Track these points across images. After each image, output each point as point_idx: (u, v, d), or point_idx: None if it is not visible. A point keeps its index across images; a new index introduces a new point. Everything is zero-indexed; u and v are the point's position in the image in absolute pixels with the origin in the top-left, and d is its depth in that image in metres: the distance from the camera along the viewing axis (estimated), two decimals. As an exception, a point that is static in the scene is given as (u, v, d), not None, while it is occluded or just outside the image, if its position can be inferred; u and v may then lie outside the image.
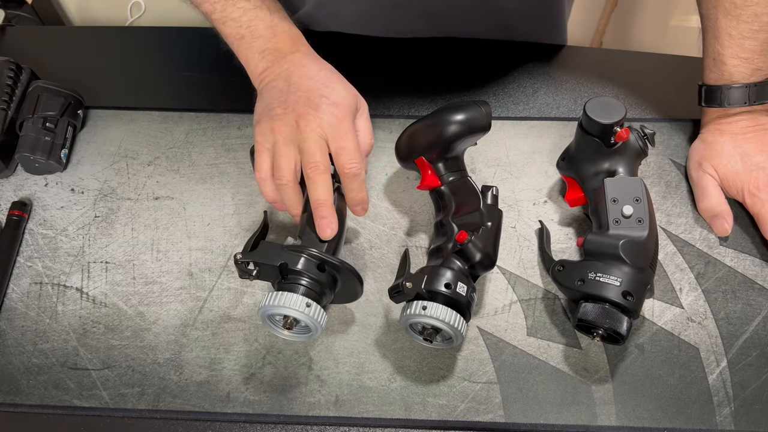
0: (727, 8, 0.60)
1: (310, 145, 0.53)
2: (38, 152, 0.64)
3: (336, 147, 0.54)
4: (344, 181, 0.55)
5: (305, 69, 0.57)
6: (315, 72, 0.57)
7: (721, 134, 0.64)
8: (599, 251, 0.55)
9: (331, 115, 0.54)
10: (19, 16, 1.21)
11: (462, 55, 0.78)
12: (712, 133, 0.65)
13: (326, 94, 0.55)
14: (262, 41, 0.58)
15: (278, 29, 0.58)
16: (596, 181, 0.59)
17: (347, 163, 0.54)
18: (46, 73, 0.70)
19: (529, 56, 0.78)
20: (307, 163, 0.53)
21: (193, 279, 0.61)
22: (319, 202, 0.54)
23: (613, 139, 0.57)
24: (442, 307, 0.51)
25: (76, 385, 0.55)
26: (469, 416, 0.54)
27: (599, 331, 0.54)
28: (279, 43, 0.58)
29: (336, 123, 0.54)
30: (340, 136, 0.54)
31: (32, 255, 0.62)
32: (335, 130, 0.54)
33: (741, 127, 0.63)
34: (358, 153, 0.54)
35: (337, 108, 0.55)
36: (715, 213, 0.62)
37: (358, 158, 0.54)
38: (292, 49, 0.58)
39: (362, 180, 0.55)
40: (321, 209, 0.54)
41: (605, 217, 0.56)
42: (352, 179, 0.54)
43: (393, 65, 0.77)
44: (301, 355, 0.57)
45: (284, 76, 0.57)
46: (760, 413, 0.54)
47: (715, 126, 0.65)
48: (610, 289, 0.53)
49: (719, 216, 0.62)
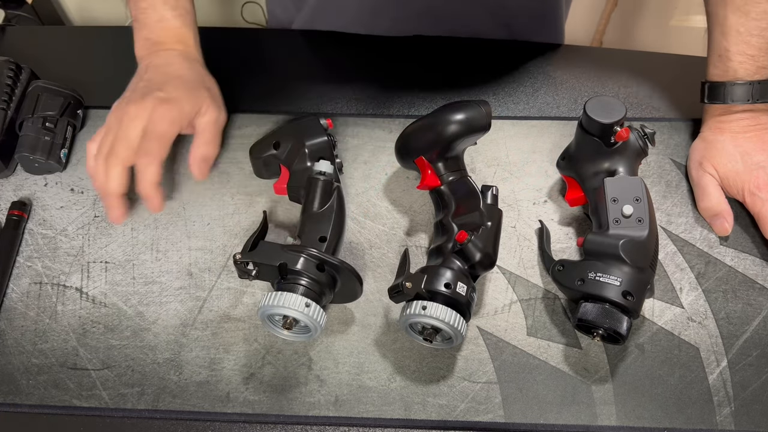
0: (737, 5, 0.60)
1: (118, 133, 0.59)
2: (38, 152, 0.64)
3: (141, 140, 0.58)
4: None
5: (167, 66, 0.63)
6: (173, 70, 0.63)
7: (721, 132, 0.64)
8: (599, 251, 0.55)
9: (152, 109, 0.59)
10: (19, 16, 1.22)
11: (462, 55, 0.78)
12: (713, 131, 0.65)
13: (163, 89, 0.60)
14: (147, 31, 0.64)
15: (166, 24, 0.64)
16: (596, 181, 0.59)
17: (138, 160, 0.58)
18: (46, 73, 0.70)
19: (529, 55, 0.78)
20: (109, 149, 0.59)
21: (193, 279, 0.61)
22: (100, 189, 0.59)
23: (613, 139, 0.57)
24: (441, 307, 0.51)
25: (76, 385, 0.55)
26: (469, 416, 0.54)
27: (599, 331, 0.54)
28: (161, 37, 0.64)
29: (155, 119, 0.59)
30: (148, 134, 0.58)
31: (32, 255, 0.62)
32: (149, 125, 0.58)
33: (742, 125, 0.63)
34: (154, 152, 0.58)
35: (162, 103, 0.59)
36: (715, 212, 0.62)
37: (149, 157, 0.58)
38: (170, 46, 0.64)
39: (149, 175, 0.59)
40: (104, 198, 0.59)
41: (605, 216, 0.56)
42: (138, 174, 0.59)
43: (392, 65, 0.77)
44: (301, 355, 0.57)
45: (148, 66, 0.64)
46: (760, 413, 0.54)
47: (716, 124, 0.65)
48: (610, 289, 0.53)
49: (719, 215, 0.62)
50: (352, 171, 0.67)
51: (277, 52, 0.78)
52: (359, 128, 0.70)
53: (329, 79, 0.75)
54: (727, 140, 0.63)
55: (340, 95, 0.74)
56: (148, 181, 0.58)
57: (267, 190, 0.66)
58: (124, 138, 0.58)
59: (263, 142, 0.64)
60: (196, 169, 0.62)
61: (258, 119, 0.71)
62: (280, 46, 0.79)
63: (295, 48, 0.79)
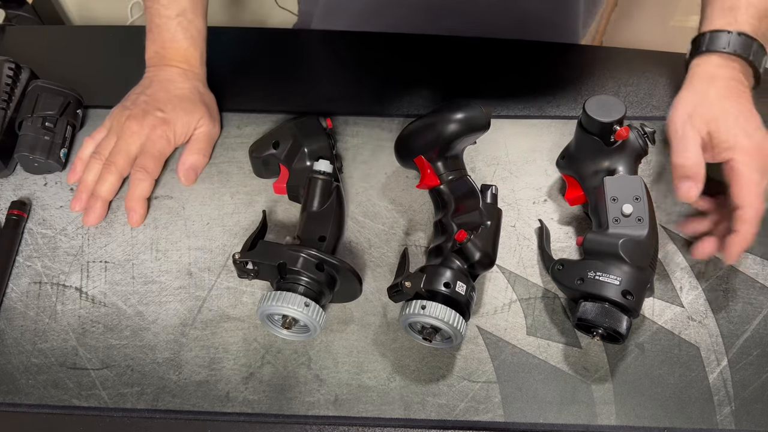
0: None
1: (119, 144, 0.63)
2: (37, 152, 0.64)
3: (139, 156, 0.63)
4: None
5: (170, 83, 0.67)
6: (174, 88, 0.66)
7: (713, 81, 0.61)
8: (599, 250, 0.55)
9: (152, 127, 0.63)
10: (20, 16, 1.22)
11: (461, 54, 0.78)
12: (702, 79, 0.62)
13: (163, 109, 0.64)
14: (158, 46, 0.68)
15: (176, 45, 0.67)
16: (596, 180, 0.59)
17: (134, 173, 0.63)
18: (46, 73, 0.70)
19: (528, 55, 0.78)
20: (109, 156, 0.63)
21: (193, 278, 0.61)
22: (86, 188, 0.63)
23: (613, 138, 0.57)
24: (441, 307, 0.51)
25: (75, 385, 0.55)
26: (469, 416, 0.54)
27: (599, 330, 0.53)
28: (168, 53, 0.67)
29: (154, 138, 0.63)
30: (147, 151, 0.63)
31: (31, 254, 0.62)
32: (149, 143, 0.64)
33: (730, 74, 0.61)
34: (150, 168, 0.63)
35: (162, 124, 0.64)
36: (688, 174, 0.57)
37: (145, 173, 0.63)
38: (176, 63, 0.68)
39: (141, 189, 0.63)
40: (90, 200, 0.63)
41: (605, 215, 0.56)
42: (132, 186, 0.63)
43: (392, 64, 0.77)
44: (301, 354, 0.57)
45: (151, 81, 0.67)
46: (760, 412, 0.54)
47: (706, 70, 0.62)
48: (610, 288, 0.53)
49: (691, 178, 0.56)
50: (351, 170, 0.67)
51: (277, 52, 0.78)
52: (359, 128, 0.70)
53: (329, 79, 0.75)
54: (723, 97, 0.60)
55: (340, 95, 0.74)
56: (139, 195, 0.63)
57: (266, 189, 0.66)
58: (124, 151, 0.63)
59: (263, 142, 0.64)
60: (183, 176, 0.66)
61: (257, 118, 0.71)
62: (280, 46, 0.79)
63: (295, 47, 0.79)
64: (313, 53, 0.80)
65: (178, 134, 0.65)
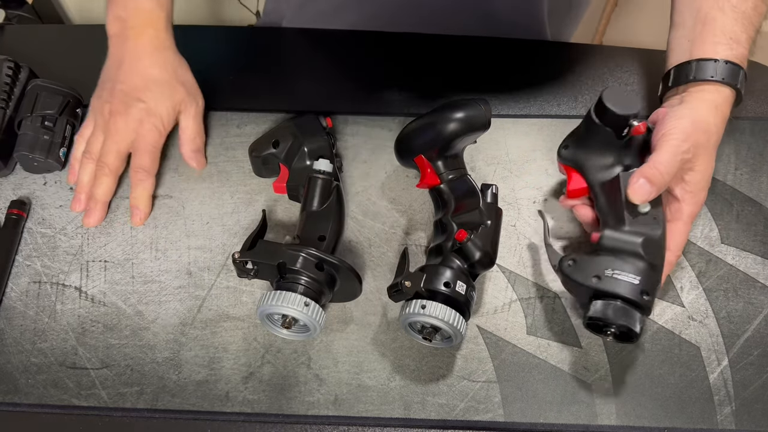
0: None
1: (108, 144, 0.62)
2: (37, 151, 0.64)
3: (134, 155, 0.63)
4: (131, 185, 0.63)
5: (140, 62, 0.63)
6: (146, 67, 0.63)
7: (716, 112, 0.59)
8: (617, 247, 0.53)
9: (139, 122, 0.62)
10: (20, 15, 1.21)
11: (461, 53, 0.78)
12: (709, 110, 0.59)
13: (144, 99, 0.62)
14: (119, 9, 0.64)
15: (139, 5, 0.63)
16: (604, 173, 0.57)
17: (134, 174, 0.63)
18: (45, 72, 0.70)
19: (529, 54, 0.78)
20: (100, 157, 0.63)
21: (192, 278, 0.61)
22: (84, 191, 0.63)
23: (627, 132, 0.55)
24: (441, 306, 0.51)
25: (75, 385, 0.55)
26: (469, 415, 0.54)
27: (612, 329, 0.52)
28: (131, 18, 0.63)
29: (144, 133, 0.62)
30: (140, 148, 0.63)
31: (31, 254, 0.62)
32: (140, 139, 0.62)
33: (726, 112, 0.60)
34: (148, 167, 0.63)
35: (148, 116, 0.62)
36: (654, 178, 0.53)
37: (144, 172, 0.63)
38: (140, 30, 0.63)
39: (144, 189, 0.63)
40: (89, 202, 0.63)
41: (621, 212, 0.55)
42: (134, 187, 0.63)
43: (392, 63, 0.77)
44: (300, 354, 0.57)
45: (120, 60, 0.64)
46: (761, 412, 0.54)
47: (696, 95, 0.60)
48: (629, 287, 0.51)
49: (654, 185, 0.53)
50: (351, 170, 0.67)
51: (276, 51, 0.78)
52: (359, 127, 0.70)
53: (329, 78, 0.75)
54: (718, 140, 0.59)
55: (340, 94, 0.73)
56: (143, 194, 0.63)
57: (266, 188, 0.66)
58: (114, 150, 0.62)
59: (262, 141, 0.64)
60: (193, 162, 0.66)
61: (257, 118, 0.71)
62: (280, 45, 0.79)
63: (295, 46, 0.79)
64: (313, 52, 0.79)
65: (165, 122, 0.64)
